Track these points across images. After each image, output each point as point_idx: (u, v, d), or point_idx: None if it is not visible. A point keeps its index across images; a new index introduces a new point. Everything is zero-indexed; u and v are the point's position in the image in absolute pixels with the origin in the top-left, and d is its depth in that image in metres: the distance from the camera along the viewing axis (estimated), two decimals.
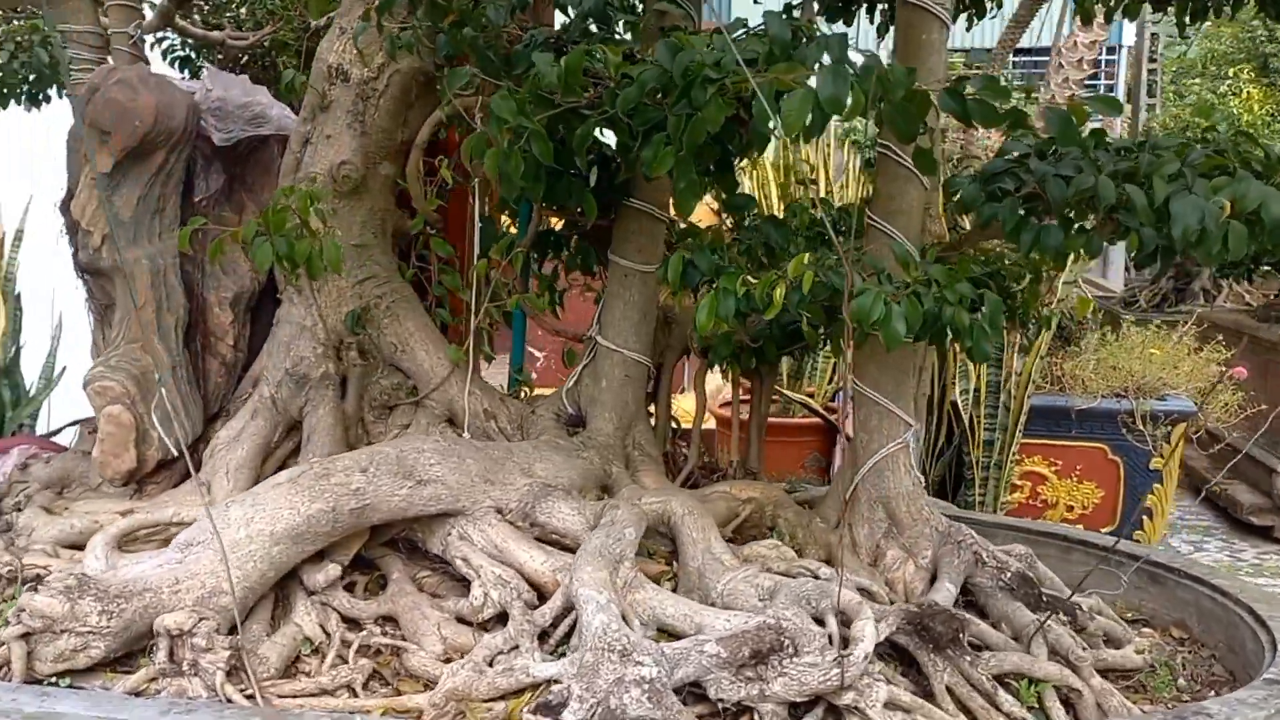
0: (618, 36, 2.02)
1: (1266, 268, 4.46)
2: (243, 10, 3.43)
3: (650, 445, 2.17)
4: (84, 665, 1.70)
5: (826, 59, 1.56)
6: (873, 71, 1.53)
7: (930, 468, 3.68)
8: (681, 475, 2.25)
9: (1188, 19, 2.58)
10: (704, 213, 2.18)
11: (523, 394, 2.34)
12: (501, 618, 1.78)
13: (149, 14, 2.89)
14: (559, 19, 2.10)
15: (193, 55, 3.41)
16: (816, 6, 2.32)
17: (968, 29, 2.82)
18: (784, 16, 1.77)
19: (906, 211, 1.95)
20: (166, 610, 1.70)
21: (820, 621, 1.71)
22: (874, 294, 1.59)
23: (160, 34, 3.22)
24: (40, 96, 2.69)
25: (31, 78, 2.62)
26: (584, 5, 1.68)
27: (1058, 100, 4.55)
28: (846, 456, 2.14)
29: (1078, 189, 1.67)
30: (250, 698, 1.66)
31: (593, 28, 1.96)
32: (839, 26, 2.36)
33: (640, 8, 1.99)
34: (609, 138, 1.77)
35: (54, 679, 1.70)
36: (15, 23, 2.60)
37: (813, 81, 1.45)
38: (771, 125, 1.44)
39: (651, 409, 2.30)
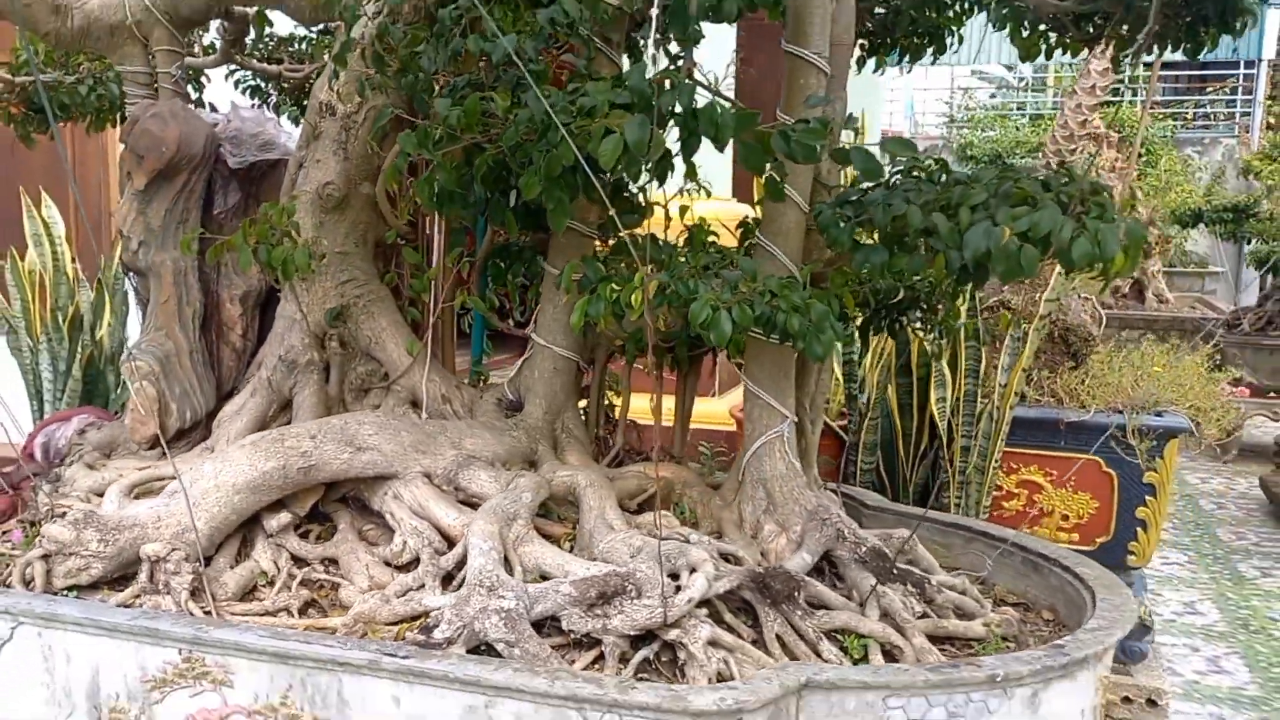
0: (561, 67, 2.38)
1: None
2: (302, 45, 3.91)
3: (578, 429, 2.52)
4: (86, 582, 2.15)
5: (677, 106, 1.90)
6: (706, 116, 1.86)
7: (913, 471, 3.91)
8: (608, 457, 2.58)
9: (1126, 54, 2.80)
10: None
11: (479, 382, 2.71)
12: (416, 561, 2.15)
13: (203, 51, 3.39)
14: None
15: (261, 85, 3.91)
16: None
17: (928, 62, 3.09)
18: (673, 65, 2.12)
19: (785, 232, 2.25)
20: (150, 541, 2.13)
21: (675, 576, 2.03)
22: (704, 299, 1.91)
23: (231, 68, 3.73)
24: (108, 123, 3.20)
25: (104, 106, 3.14)
26: (494, 55, 2.03)
27: (1072, 125, 4.71)
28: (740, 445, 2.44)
29: (892, 216, 1.95)
30: (207, 612, 2.07)
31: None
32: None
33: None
34: None
35: (64, 591, 2.15)
36: (91, 62, 3.11)
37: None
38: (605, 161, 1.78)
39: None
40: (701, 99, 1.94)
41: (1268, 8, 18.15)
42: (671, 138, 1.94)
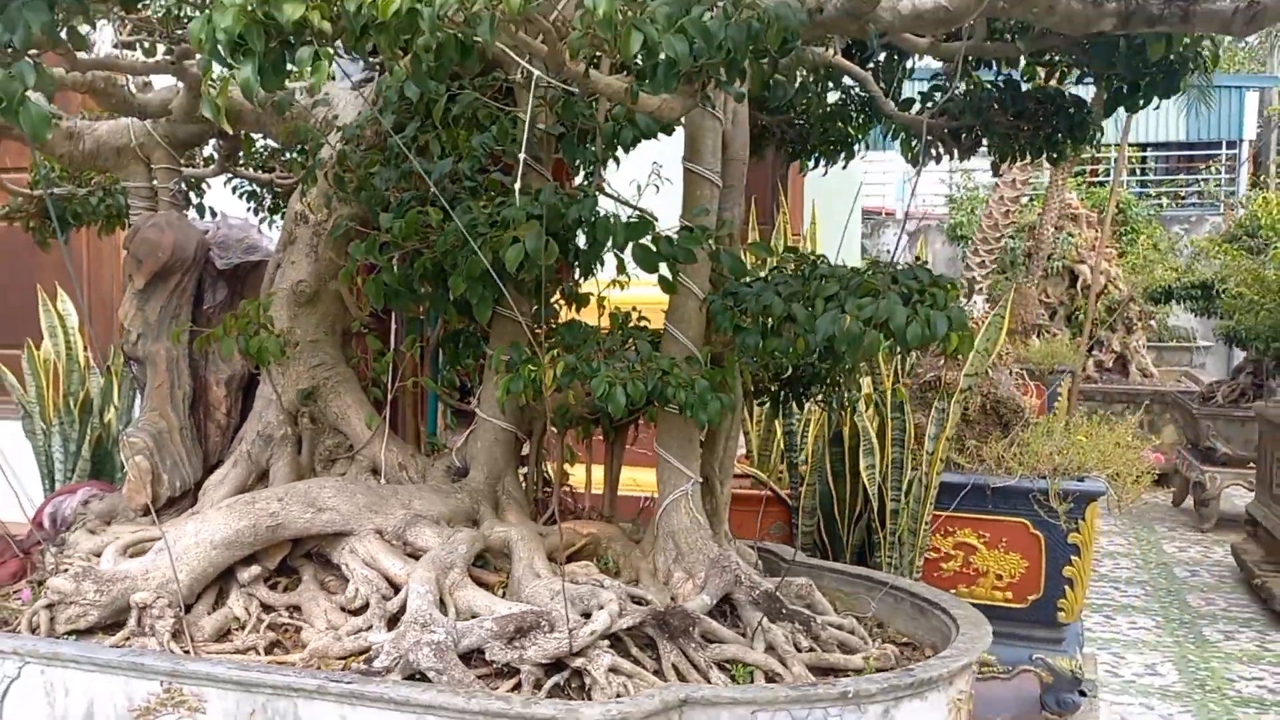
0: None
1: None
2: (292, 155, 4.34)
3: (516, 491, 2.87)
4: (84, 627, 2.49)
5: (579, 214, 2.30)
6: (603, 226, 2.25)
7: (848, 533, 4.23)
8: (544, 516, 2.93)
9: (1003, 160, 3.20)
10: None
11: (434, 452, 3.07)
12: (368, 606, 2.49)
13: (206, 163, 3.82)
14: None
15: (256, 189, 4.34)
16: None
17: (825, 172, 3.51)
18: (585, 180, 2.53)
19: (686, 319, 2.63)
20: (139, 591, 2.48)
21: (587, 615, 2.37)
22: (603, 377, 2.28)
23: (228, 176, 4.16)
24: (116, 226, 3.64)
25: (112, 214, 3.58)
26: (434, 175, 2.44)
27: (996, 215, 5.13)
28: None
29: (763, 305, 2.33)
30: (186, 651, 2.41)
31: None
32: None
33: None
34: None
35: (65, 635, 2.50)
36: (100, 175, 3.55)
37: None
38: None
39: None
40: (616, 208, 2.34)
41: (1245, 91, 18.77)
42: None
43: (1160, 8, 2.16)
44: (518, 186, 1.98)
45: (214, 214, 3.32)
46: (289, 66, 1.68)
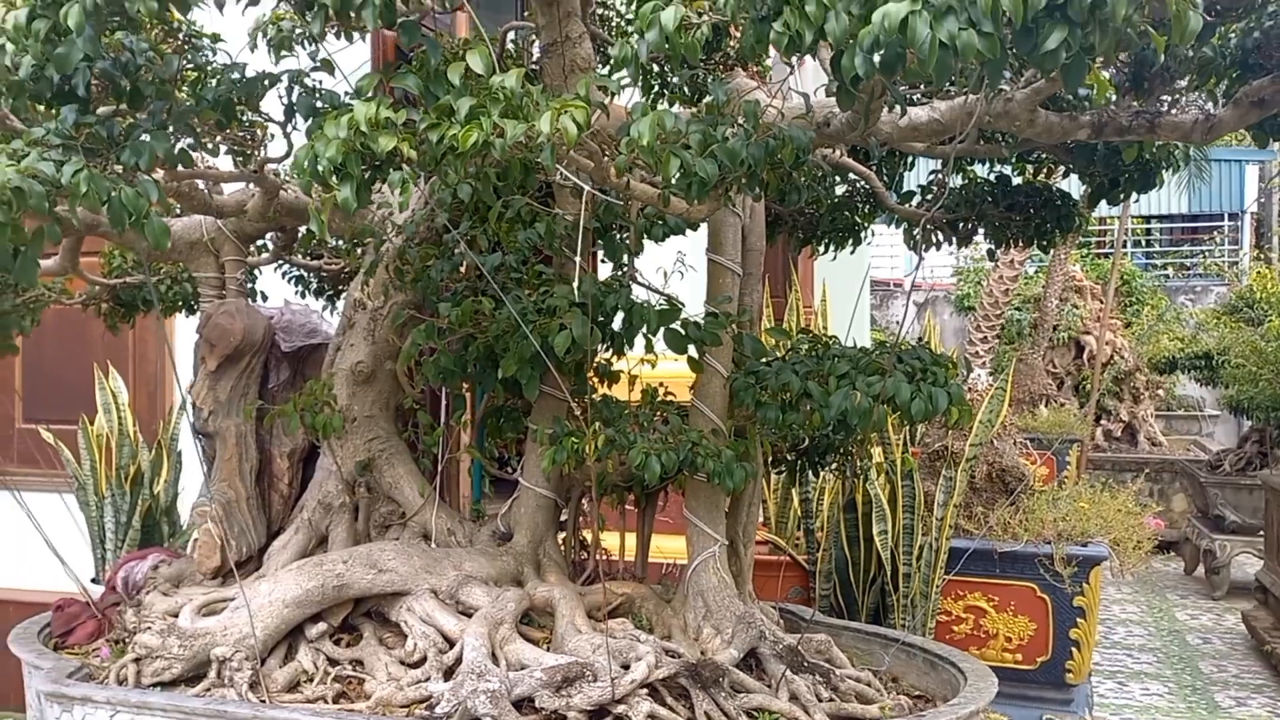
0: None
1: None
2: (339, 243, 4.67)
3: (556, 554, 3.12)
4: (168, 679, 2.74)
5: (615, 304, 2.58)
6: (638, 313, 2.54)
7: (864, 596, 4.45)
8: (583, 577, 3.17)
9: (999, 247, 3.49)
10: None
11: (479, 517, 3.33)
12: (425, 659, 2.73)
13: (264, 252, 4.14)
14: None
15: (304, 275, 4.66)
16: None
17: (834, 258, 3.80)
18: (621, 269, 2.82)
19: (711, 395, 2.91)
20: (218, 646, 2.73)
21: (626, 666, 2.60)
22: (639, 448, 2.55)
23: (279, 263, 4.48)
24: (178, 312, 3.95)
25: (177, 301, 3.89)
26: (486, 267, 2.74)
27: (996, 293, 5.42)
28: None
29: (781, 383, 2.60)
30: (262, 700, 2.65)
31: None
32: None
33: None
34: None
35: (150, 687, 2.74)
36: (169, 265, 3.87)
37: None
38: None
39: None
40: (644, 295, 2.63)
41: (1245, 164, 19.17)
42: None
43: (1129, 120, 2.47)
44: (577, 277, 2.27)
45: (264, 297, 3.61)
46: (377, 185, 1.98)
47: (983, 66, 1.55)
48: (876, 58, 1.55)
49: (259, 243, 4.51)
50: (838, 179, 3.69)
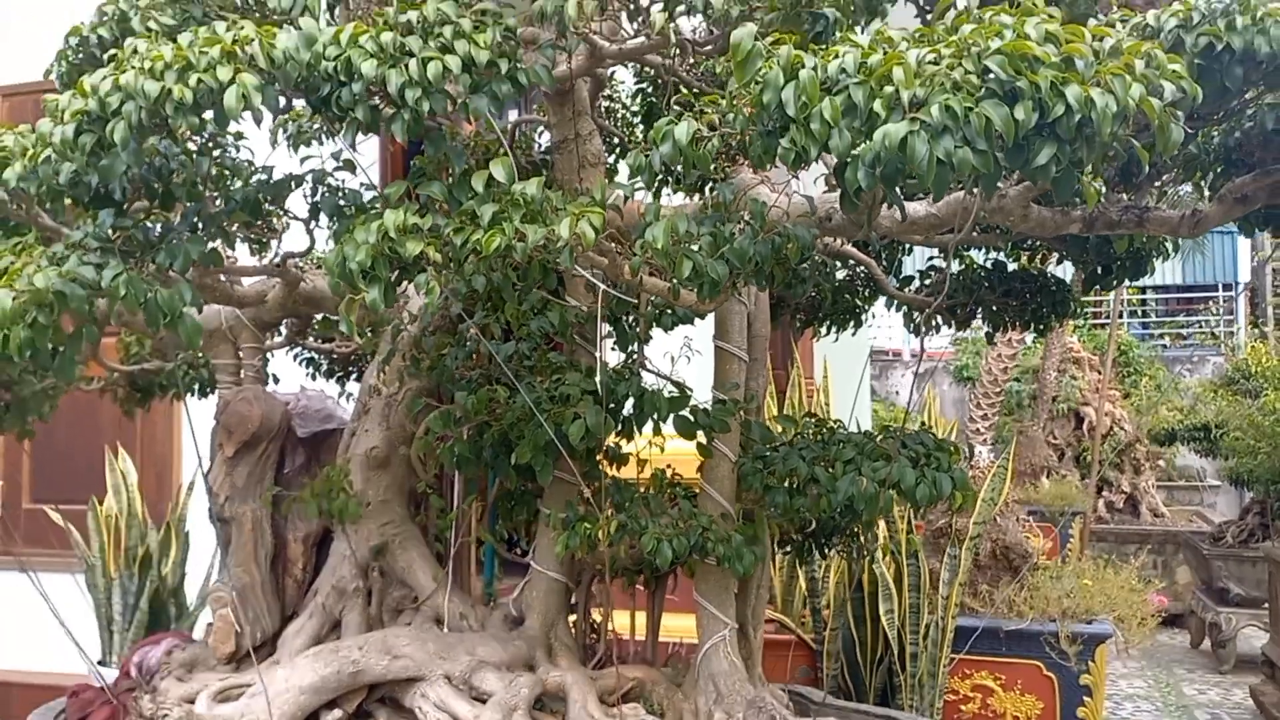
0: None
1: None
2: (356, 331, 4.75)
3: (568, 638, 3.16)
4: None
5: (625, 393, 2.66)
6: (649, 401, 2.61)
7: (871, 676, 4.46)
8: (594, 660, 3.21)
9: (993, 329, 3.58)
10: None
11: (491, 601, 3.37)
12: None
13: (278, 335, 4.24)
14: None
15: (315, 357, 4.75)
16: None
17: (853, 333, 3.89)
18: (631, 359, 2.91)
19: (720, 478, 2.97)
20: None
21: None
22: (650, 533, 2.61)
23: (293, 347, 4.57)
24: (193, 395, 4.02)
25: (192, 386, 3.97)
26: (502, 351, 2.82)
27: (995, 370, 5.51)
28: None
29: (789, 468, 2.67)
30: None
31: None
32: None
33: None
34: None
35: None
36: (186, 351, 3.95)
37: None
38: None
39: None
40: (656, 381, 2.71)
41: (1237, 236, 19.44)
42: None
43: (1119, 215, 2.57)
44: (593, 366, 2.35)
45: (276, 380, 3.69)
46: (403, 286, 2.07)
47: (978, 180, 1.65)
48: (878, 171, 1.65)
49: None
50: (839, 264, 3.80)
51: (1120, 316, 15.65)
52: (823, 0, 2.12)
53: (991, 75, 1.63)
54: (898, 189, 1.88)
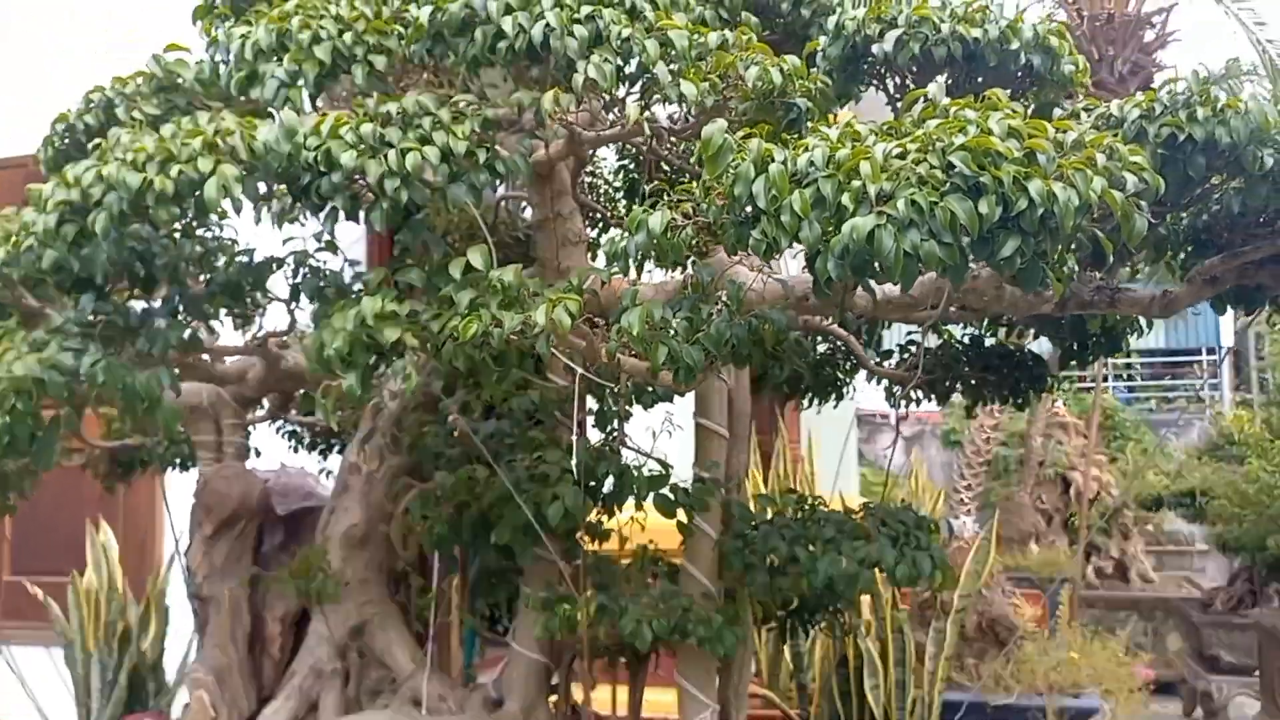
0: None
1: None
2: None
3: (547, 719, 3.12)
4: None
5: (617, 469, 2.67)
6: (628, 479, 2.62)
7: None
8: None
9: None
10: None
11: (471, 683, 3.33)
12: None
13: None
14: None
15: (297, 430, 4.74)
16: None
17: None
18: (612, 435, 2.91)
19: (700, 557, 2.97)
20: None
21: None
22: (631, 615, 2.60)
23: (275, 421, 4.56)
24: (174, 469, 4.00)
25: (172, 461, 3.95)
26: (480, 434, 2.82)
27: (978, 442, 5.53)
28: None
29: (770, 547, 2.67)
30: None
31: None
32: None
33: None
34: None
35: None
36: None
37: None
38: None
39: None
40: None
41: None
42: None
43: (1091, 295, 2.60)
44: (572, 446, 2.35)
45: (258, 453, 3.68)
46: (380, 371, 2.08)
47: (945, 270, 1.68)
48: (847, 262, 1.68)
49: None
50: (819, 338, 3.83)
51: (1105, 380, 15.71)
52: (795, 90, 2.17)
53: (956, 170, 1.66)
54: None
